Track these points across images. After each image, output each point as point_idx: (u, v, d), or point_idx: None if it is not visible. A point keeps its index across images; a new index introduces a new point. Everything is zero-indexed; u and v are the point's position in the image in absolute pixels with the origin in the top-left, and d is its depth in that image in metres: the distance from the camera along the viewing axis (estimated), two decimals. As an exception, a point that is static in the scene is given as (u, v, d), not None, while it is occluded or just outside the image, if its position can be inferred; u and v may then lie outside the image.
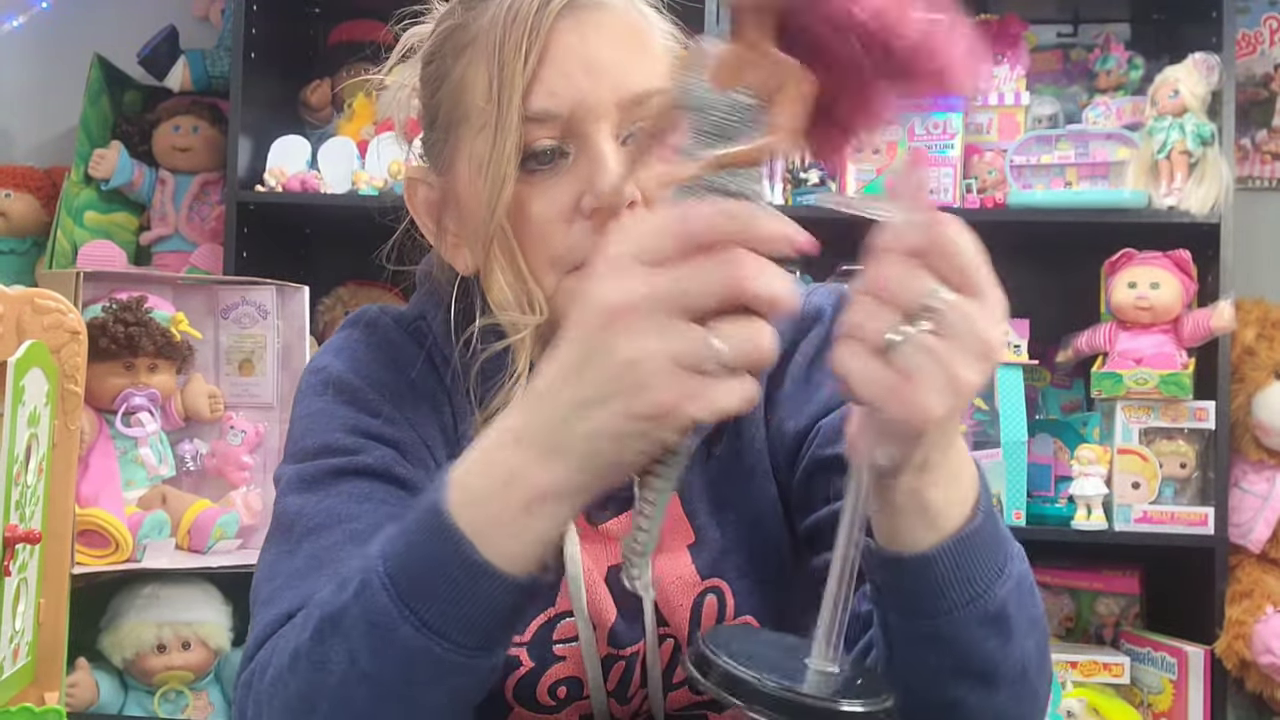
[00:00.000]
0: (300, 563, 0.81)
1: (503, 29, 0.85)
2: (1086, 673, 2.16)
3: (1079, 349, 2.32)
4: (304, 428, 0.90)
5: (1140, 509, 2.17)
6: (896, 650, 0.71)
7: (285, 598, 0.78)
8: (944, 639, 0.68)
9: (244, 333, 2.14)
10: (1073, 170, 2.30)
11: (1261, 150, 2.58)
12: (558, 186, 0.84)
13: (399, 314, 0.96)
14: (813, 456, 0.88)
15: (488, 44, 0.85)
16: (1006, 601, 0.69)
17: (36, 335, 1.20)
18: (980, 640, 0.68)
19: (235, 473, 2.08)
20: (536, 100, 0.83)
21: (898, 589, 0.68)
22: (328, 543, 0.81)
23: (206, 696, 2.05)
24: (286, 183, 2.33)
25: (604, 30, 0.85)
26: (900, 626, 0.70)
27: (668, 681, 0.90)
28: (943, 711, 0.71)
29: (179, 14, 2.65)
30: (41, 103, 2.76)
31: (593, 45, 0.85)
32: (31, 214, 2.58)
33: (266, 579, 0.83)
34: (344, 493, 0.85)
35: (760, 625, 0.90)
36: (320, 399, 0.91)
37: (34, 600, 1.21)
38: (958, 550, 0.66)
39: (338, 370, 0.92)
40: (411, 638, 0.63)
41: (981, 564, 0.67)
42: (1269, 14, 2.57)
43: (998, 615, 0.68)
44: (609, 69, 0.84)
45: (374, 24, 2.63)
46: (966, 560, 0.66)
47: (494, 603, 0.63)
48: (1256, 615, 2.14)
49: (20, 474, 1.14)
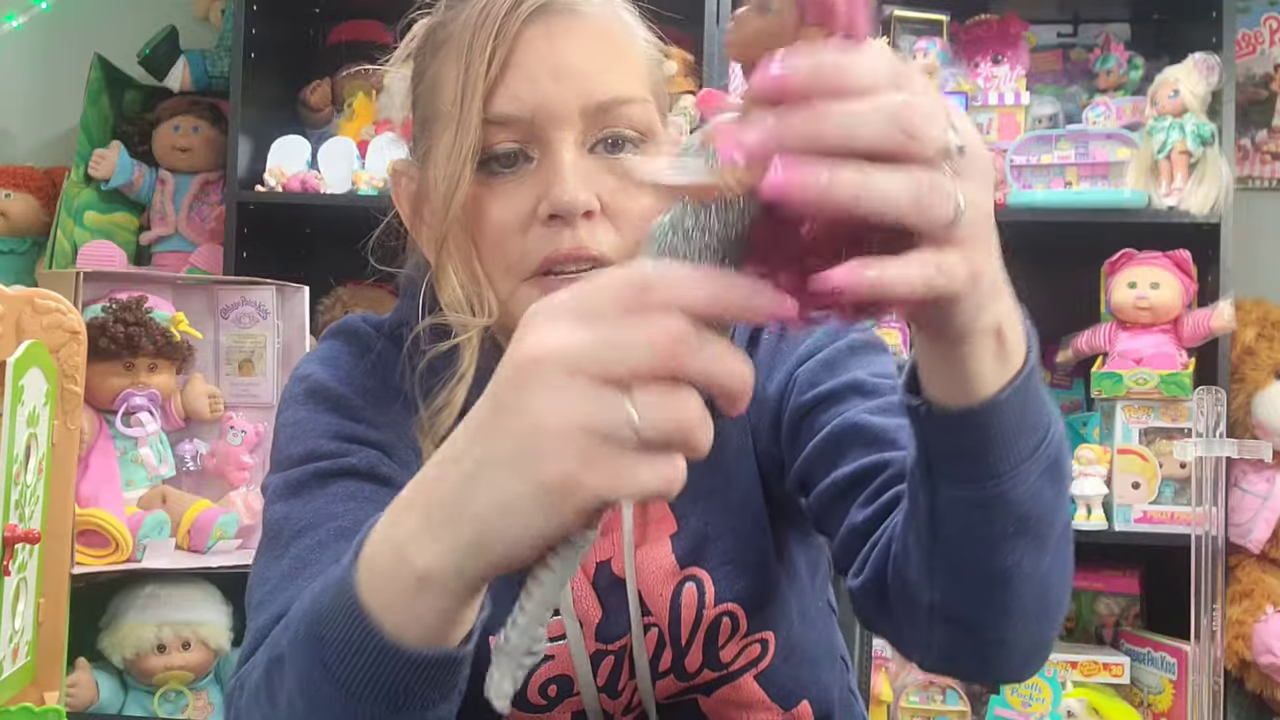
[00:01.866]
0: (287, 565, 0.82)
1: (472, 30, 0.84)
2: (1086, 673, 2.16)
3: (1079, 349, 2.32)
4: (289, 435, 0.91)
5: (1140, 509, 2.17)
6: (947, 525, 0.67)
7: (275, 601, 0.79)
8: (1007, 499, 0.64)
9: (244, 333, 2.14)
10: (1073, 170, 2.30)
11: (1261, 150, 2.58)
12: (517, 191, 0.84)
13: (379, 322, 0.98)
14: (795, 404, 0.89)
15: (459, 44, 0.86)
16: (1062, 442, 0.66)
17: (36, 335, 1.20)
18: (1039, 492, 0.64)
19: (235, 473, 2.08)
20: (499, 104, 0.83)
21: (966, 452, 0.63)
22: (313, 542, 0.83)
23: (206, 696, 2.05)
24: (286, 183, 2.33)
25: (574, 36, 0.85)
26: (956, 498, 0.65)
27: (655, 671, 0.91)
28: (989, 585, 0.68)
29: (179, 14, 2.65)
30: (41, 103, 2.76)
31: (561, 50, 0.84)
32: (31, 214, 2.58)
33: (257, 584, 0.84)
34: (330, 494, 0.86)
35: (742, 611, 0.90)
36: (304, 407, 0.92)
37: (33, 600, 1.21)
38: (1027, 385, 0.61)
39: (321, 378, 0.93)
40: (336, 698, 0.59)
41: (1040, 398, 0.63)
42: (1269, 14, 2.57)
43: (1058, 460, 0.65)
44: (576, 75, 0.83)
45: (374, 24, 2.63)
46: (1033, 395, 0.62)
47: (409, 677, 0.57)
48: (1256, 615, 2.14)
49: (20, 474, 1.14)
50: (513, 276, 0.85)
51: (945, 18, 2.43)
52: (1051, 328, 2.41)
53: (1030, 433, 0.63)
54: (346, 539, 0.76)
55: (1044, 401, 0.64)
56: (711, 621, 0.90)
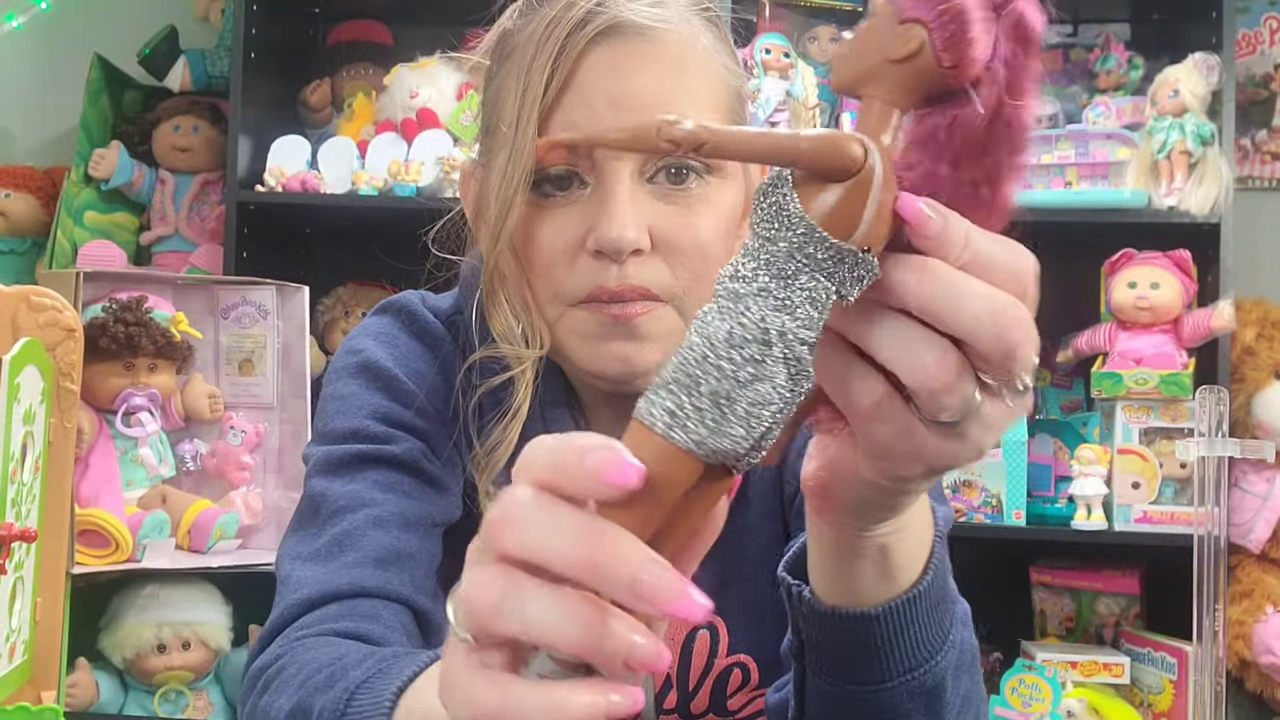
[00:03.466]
0: (323, 545, 0.83)
1: (535, 47, 0.81)
2: (1086, 673, 2.16)
3: (1079, 349, 2.32)
4: (335, 408, 0.91)
5: (1140, 509, 2.17)
6: (812, 705, 0.66)
7: (307, 580, 0.81)
8: (870, 707, 0.63)
9: (244, 333, 2.14)
10: (1073, 170, 2.30)
11: (1261, 150, 2.58)
12: (569, 217, 0.81)
13: (436, 305, 0.96)
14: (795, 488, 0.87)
15: (521, 58, 0.82)
16: (945, 674, 0.64)
17: (32, 333, 1.20)
18: (908, 714, 0.64)
19: (235, 473, 2.08)
20: (554, 129, 0.80)
21: (832, 649, 0.63)
22: (350, 527, 0.83)
23: (206, 696, 2.05)
24: (286, 183, 2.33)
25: (641, 61, 0.80)
26: (820, 685, 0.64)
27: (660, 707, 0.90)
28: None
29: (179, 14, 2.65)
30: (41, 103, 2.76)
31: (624, 77, 0.80)
32: (31, 214, 2.58)
33: (290, 556, 0.85)
34: (370, 479, 0.86)
35: (754, 664, 0.88)
36: (355, 381, 0.91)
37: (30, 599, 1.21)
38: (907, 610, 0.60)
39: (375, 355, 0.91)
40: None
41: (928, 628, 0.62)
42: (1269, 14, 2.57)
43: (934, 689, 0.64)
44: (637, 106, 0.79)
45: (374, 24, 2.63)
46: (914, 622, 0.61)
47: None
48: (1256, 615, 2.14)
49: (16, 472, 1.14)
50: (560, 302, 0.83)
51: (945, 18, 2.43)
52: (1051, 328, 2.40)
53: (908, 653, 0.61)
54: (382, 528, 0.81)
55: (938, 626, 0.62)
56: (722, 671, 0.89)
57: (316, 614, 0.80)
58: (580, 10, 0.80)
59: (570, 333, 0.84)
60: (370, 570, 0.82)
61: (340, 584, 0.81)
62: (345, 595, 0.81)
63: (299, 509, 0.89)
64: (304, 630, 0.79)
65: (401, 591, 0.82)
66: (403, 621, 0.82)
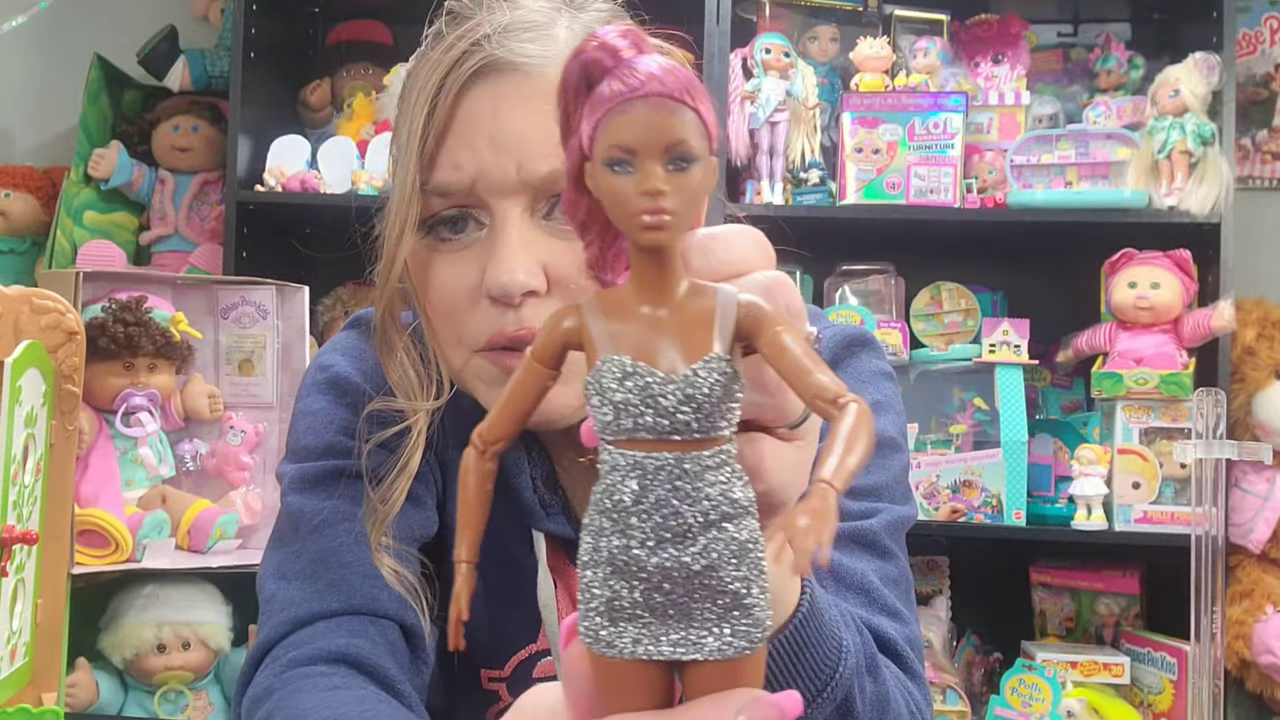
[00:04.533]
0: (304, 564, 0.83)
1: (419, 88, 0.79)
2: (1086, 673, 2.16)
3: (1079, 349, 2.32)
4: (306, 425, 0.91)
5: (1140, 509, 2.17)
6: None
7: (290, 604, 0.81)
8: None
9: (244, 333, 2.13)
10: (1073, 170, 2.30)
11: (1261, 150, 2.58)
12: (464, 261, 0.79)
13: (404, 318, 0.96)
14: None
15: (407, 101, 0.80)
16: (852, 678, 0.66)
17: (34, 335, 1.19)
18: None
19: (235, 473, 2.07)
20: (439, 172, 0.78)
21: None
22: (331, 544, 0.84)
23: (206, 696, 2.05)
24: (286, 183, 2.33)
25: (518, 100, 0.77)
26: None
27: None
28: None
29: (179, 14, 2.65)
30: (41, 103, 2.76)
31: (503, 116, 0.77)
32: (31, 214, 2.58)
33: (273, 575, 0.85)
34: (346, 495, 0.86)
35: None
36: (324, 397, 0.92)
37: (31, 601, 1.20)
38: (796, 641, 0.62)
39: (343, 370, 0.92)
40: None
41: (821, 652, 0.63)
42: (1269, 14, 2.57)
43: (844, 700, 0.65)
44: (516, 145, 0.76)
45: (374, 24, 2.63)
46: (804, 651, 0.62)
47: None
48: (1256, 615, 2.14)
49: (17, 474, 1.14)
50: (464, 348, 0.81)
51: (945, 17, 2.43)
52: (1051, 328, 2.41)
53: (808, 679, 0.63)
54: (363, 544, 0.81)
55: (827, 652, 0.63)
56: None
57: (304, 633, 0.81)
58: (457, 51, 0.78)
59: (476, 379, 0.82)
60: (355, 587, 0.82)
61: (327, 603, 0.82)
62: (332, 613, 0.81)
63: (277, 526, 0.89)
64: (293, 651, 0.79)
65: (389, 608, 0.83)
66: (389, 638, 0.82)
